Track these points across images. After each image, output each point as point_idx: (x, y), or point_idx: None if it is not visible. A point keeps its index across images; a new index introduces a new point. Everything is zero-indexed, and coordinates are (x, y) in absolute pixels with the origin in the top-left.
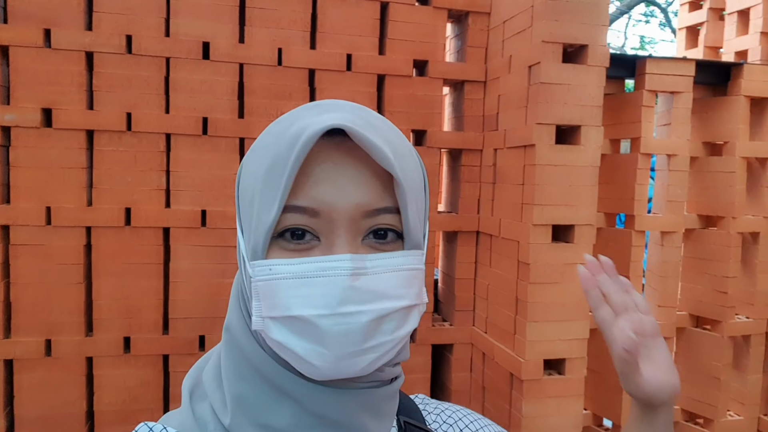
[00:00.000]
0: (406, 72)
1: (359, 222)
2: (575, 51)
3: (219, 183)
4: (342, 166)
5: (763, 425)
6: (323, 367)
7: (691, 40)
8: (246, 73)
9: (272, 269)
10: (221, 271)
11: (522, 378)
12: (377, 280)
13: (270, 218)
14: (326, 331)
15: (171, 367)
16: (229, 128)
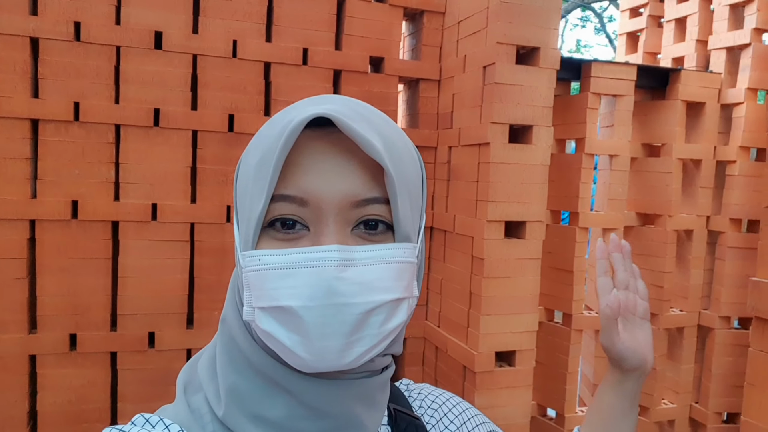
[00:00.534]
0: (362, 68)
1: (348, 212)
2: (528, 53)
3: (170, 176)
4: (330, 155)
5: (694, 412)
6: (309, 360)
7: (631, 46)
8: (199, 64)
9: (261, 259)
10: (172, 267)
11: (475, 370)
12: (365, 272)
13: (259, 208)
14: (311, 323)
15: (119, 365)
16: (181, 120)
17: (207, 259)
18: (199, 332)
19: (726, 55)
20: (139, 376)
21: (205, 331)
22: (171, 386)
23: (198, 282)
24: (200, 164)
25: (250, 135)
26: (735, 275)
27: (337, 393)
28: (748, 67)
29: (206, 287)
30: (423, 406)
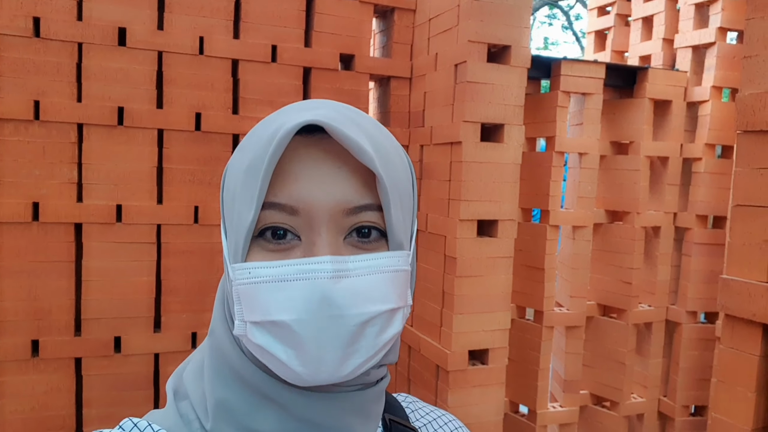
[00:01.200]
0: (332, 65)
1: (340, 220)
2: (498, 51)
3: (135, 176)
4: (321, 162)
5: (662, 406)
6: (305, 373)
7: (599, 44)
8: (165, 61)
9: (251, 272)
10: (138, 269)
11: (448, 369)
12: (359, 283)
13: (249, 218)
14: (306, 336)
15: (84, 370)
16: (146, 119)
17: (174, 260)
18: (166, 336)
19: (692, 54)
20: (104, 382)
21: (172, 334)
22: (138, 391)
23: (165, 284)
24: (166, 164)
25: (217, 134)
26: (701, 271)
27: (330, 406)
28: (713, 66)
29: (173, 290)
30: (421, 420)
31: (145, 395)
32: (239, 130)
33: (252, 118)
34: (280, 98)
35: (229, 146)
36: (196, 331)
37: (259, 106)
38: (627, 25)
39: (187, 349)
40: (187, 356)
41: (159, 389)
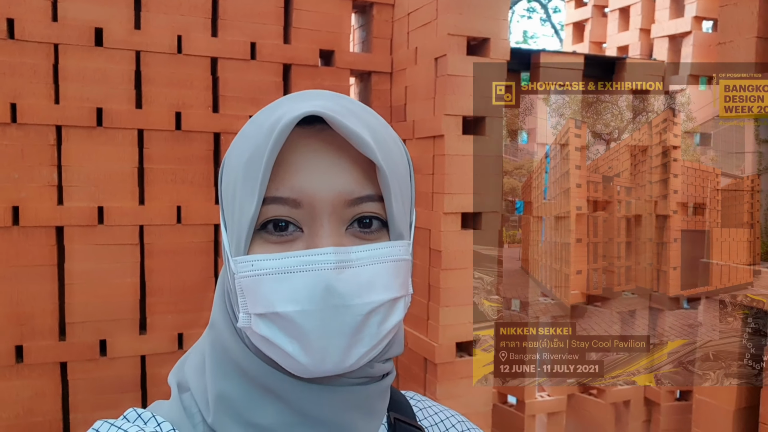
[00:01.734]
0: (312, 62)
1: (342, 211)
2: (478, 44)
3: (116, 177)
4: (322, 153)
5: (649, 392)
6: (309, 365)
7: (577, 35)
8: (143, 60)
9: (254, 265)
10: (121, 271)
11: (435, 362)
12: (362, 273)
13: (251, 211)
14: (310, 327)
15: (69, 374)
16: (126, 119)
17: (158, 261)
18: (152, 337)
19: (668, 43)
20: (91, 386)
21: (158, 335)
22: (125, 394)
23: (149, 286)
24: (147, 164)
25: (198, 132)
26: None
27: (332, 399)
28: (689, 55)
29: (158, 290)
30: (429, 420)
31: (133, 398)
32: (220, 128)
33: (233, 116)
34: (260, 95)
35: (211, 145)
36: (182, 332)
37: (239, 103)
38: (604, 16)
39: (173, 350)
40: (174, 357)
41: (146, 392)
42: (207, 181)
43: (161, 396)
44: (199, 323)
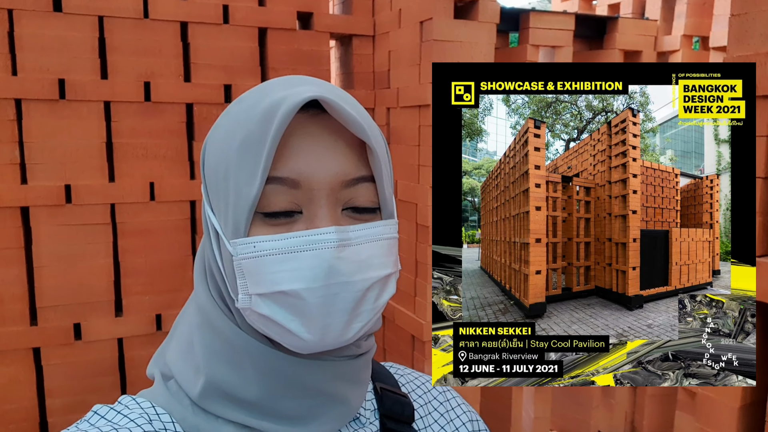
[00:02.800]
0: (289, 25)
1: (338, 192)
2: (466, 6)
3: (84, 153)
4: (318, 137)
5: None
6: (311, 341)
7: None
8: (107, 27)
9: (256, 246)
10: (93, 252)
11: (423, 339)
12: (361, 251)
13: (252, 192)
14: (315, 304)
15: (44, 360)
16: (90, 91)
17: (132, 241)
18: (129, 319)
19: (662, 2)
20: (66, 371)
21: (135, 317)
22: (103, 378)
23: (124, 266)
24: (116, 138)
25: (169, 104)
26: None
27: (325, 373)
28: (683, 14)
29: (133, 271)
30: (409, 386)
31: (111, 381)
32: (193, 98)
33: (206, 85)
34: (235, 62)
35: (183, 117)
36: (160, 313)
37: (213, 72)
38: None
39: (151, 331)
40: (152, 339)
41: (125, 375)
42: (181, 155)
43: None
44: (177, 303)
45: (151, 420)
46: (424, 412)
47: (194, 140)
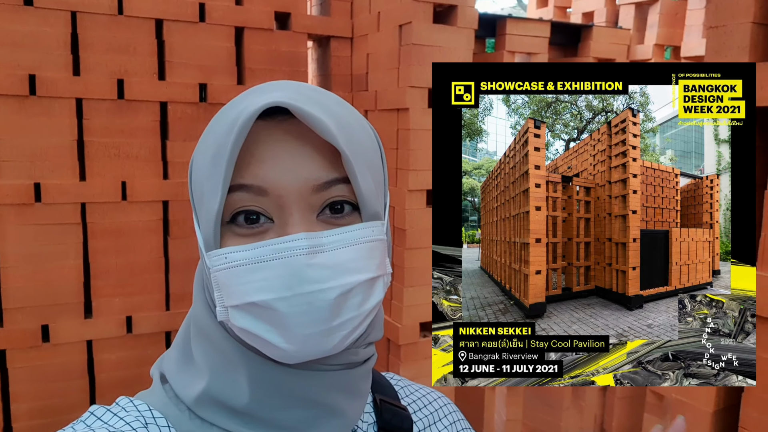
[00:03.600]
0: (266, 25)
1: (310, 197)
2: (444, 11)
3: (54, 151)
4: (285, 142)
5: None
6: (291, 350)
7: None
8: (80, 23)
9: (227, 257)
10: (63, 253)
11: (399, 343)
12: (336, 256)
13: (215, 205)
14: (288, 313)
15: (9, 363)
16: (62, 88)
17: (102, 241)
18: (98, 322)
19: (634, 11)
20: (33, 374)
21: (105, 320)
22: (71, 382)
23: (94, 267)
24: (87, 137)
25: (143, 102)
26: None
27: (318, 383)
28: (655, 24)
29: (103, 272)
30: (410, 399)
31: (79, 385)
32: (167, 97)
33: (180, 84)
34: (210, 62)
35: (157, 115)
36: (131, 315)
37: (187, 70)
38: None
39: (122, 334)
40: (123, 342)
41: (94, 379)
42: (154, 155)
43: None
44: (149, 306)
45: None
46: (424, 425)
47: (168, 140)
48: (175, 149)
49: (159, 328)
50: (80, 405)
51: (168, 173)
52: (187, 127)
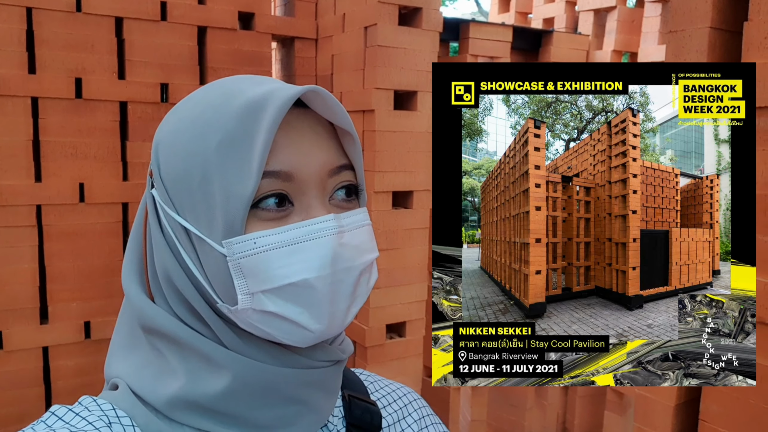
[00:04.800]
0: (230, 24)
1: (326, 181)
2: (409, 14)
3: (7, 151)
4: (301, 130)
5: None
6: (318, 329)
7: (503, 5)
8: (36, 20)
9: (257, 242)
10: (17, 256)
11: (366, 345)
12: (355, 236)
13: (248, 188)
14: (324, 291)
15: None
16: (16, 86)
17: (59, 244)
18: (55, 327)
19: (593, 17)
20: None
21: (62, 325)
22: (26, 389)
23: (50, 271)
24: (43, 136)
25: (102, 101)
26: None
27: (303, 380)
28: (613, 30)
29: (60, 276)
30: (379, 394)
31: (35, 393)
32: (127, 97)
33: (141, 83)
34: (172, 61)
35: (116, 115)
36: (89, 320)
37: (148, 69)
38: None
39: (80, 339)
40: (81, 348)
41: (50, 386)
42: (113, 155)
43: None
44: (108, 310)
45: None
46: (393, 419)
47: (128, 140)
48: (134, 150)
49: None
50: (36, 414)
51: (127, 174)
52: (148, 127)
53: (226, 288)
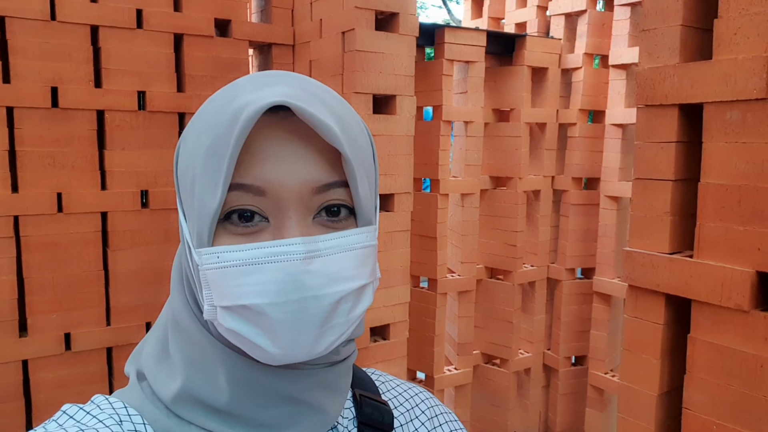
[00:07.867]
0: (206, 32)
1: (309, 199)
2: (386, 19)
3: None
4: (287, 142)
5: (547, 359)
6: (278, 354)
7: (476, 11)
8: (9, 28)
9: (220, 257)
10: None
11: None
12: (331, 262)
13: (215, 201)
14: (280, 319)
15: None
16: None
17: (37, 255)
18: (35, 339)
19: (565, 21)
20: None
21: (42, 337)
22: (6, 403)
23: (29, 282)
24: (19, 146)
25: (78, 110)
26: (578, 230)
27: (300, 381)
28: (584, 34)
29: (39, 288)
30: (391, 394)
31: (15, 407)
32: (104, 105)
33: (118, 91)
34: (149, 68)
35: (94, 124)
36: (69, 332)
37: (126, 77)
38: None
39: (60, 351)
40: (61, 360)
41: (30, 400)
42: (91, 164)
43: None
44: (88, 321)
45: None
46: (405, 419)
47: (106, 149)
48: (113, 158)
49: (100, 344)
50: (15, 428)
51: (106, 183)
52: (126, 136)
53: (200, 294)
